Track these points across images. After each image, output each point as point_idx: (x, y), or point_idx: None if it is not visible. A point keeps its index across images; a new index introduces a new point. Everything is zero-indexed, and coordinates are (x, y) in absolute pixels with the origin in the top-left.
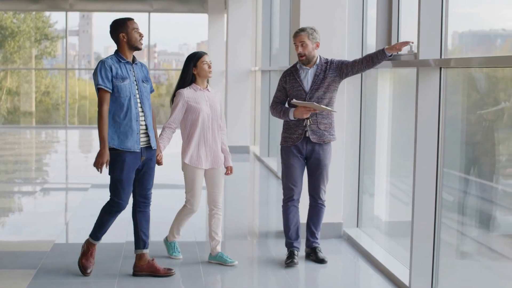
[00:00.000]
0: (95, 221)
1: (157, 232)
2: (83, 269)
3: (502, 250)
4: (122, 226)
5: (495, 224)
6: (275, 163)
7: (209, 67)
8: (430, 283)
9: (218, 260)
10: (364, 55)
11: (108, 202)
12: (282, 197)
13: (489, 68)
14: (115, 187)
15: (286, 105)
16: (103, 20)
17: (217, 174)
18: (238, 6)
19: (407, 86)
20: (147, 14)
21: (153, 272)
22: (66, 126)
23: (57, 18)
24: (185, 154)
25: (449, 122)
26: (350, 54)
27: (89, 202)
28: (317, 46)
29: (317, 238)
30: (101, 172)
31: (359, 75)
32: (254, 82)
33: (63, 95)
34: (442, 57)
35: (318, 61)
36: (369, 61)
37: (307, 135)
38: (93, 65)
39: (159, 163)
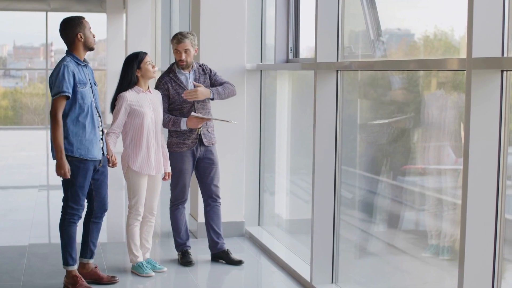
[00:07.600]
0: (61, 249)
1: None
2: None
3: (400, 245)
4: (25, 228)
5: (396, 220)
6: None
7: (153, 67)
8: (331, 279)
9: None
10: (224, 83)
11: (64, 215)
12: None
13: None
14: (76, 194)
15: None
16: None
17: (157, 180)
18: (137, 6)
19: (306, 86)
20: (44, 13)
21: (96, 279)
22: None
23: None
24: (134, 160)
25: (352, 122)
26: (249, 53)
27: None
28: (196, 51)
29: (223, 238)
30: (68, 177)
31: (258, 73)
32: (153, 82)
33: None
34: (339, 60)
35: (194, 65)
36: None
37: (200, 138)
38: None
39: (114, 164)
